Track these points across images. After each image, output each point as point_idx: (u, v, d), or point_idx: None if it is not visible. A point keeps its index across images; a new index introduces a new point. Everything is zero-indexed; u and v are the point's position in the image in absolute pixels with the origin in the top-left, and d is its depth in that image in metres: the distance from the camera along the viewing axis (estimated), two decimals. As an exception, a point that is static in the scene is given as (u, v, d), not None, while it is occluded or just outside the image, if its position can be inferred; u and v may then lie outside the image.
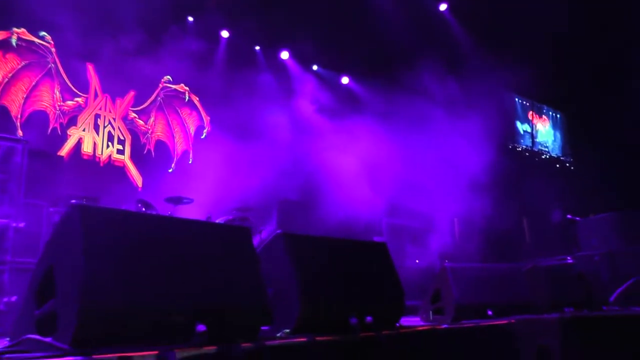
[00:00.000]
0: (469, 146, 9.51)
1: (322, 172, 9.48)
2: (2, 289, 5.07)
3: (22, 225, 5.71)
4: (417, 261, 9.08)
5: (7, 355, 2.08)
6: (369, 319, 3.25)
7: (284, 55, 11.36)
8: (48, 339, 2.12)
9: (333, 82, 11.82)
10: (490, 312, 4.42)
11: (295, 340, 2.79)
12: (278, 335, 2.90)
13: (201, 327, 2.44)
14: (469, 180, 9.29)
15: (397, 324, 3.63)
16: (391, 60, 10.55)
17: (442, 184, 9.29)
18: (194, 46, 10.15)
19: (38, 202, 6.28)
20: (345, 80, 12.02)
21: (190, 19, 10.20)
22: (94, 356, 1.95)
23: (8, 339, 2.54)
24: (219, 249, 2.73)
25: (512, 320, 3.92)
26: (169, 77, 10.10)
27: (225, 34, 10.68)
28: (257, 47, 11.15)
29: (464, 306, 4.40)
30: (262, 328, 2.89)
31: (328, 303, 3.18)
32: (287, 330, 2.93)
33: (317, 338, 2.84)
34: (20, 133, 7.85)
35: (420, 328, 3.59)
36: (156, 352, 2.13)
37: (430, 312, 4.79)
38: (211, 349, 2.35)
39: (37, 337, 2.17)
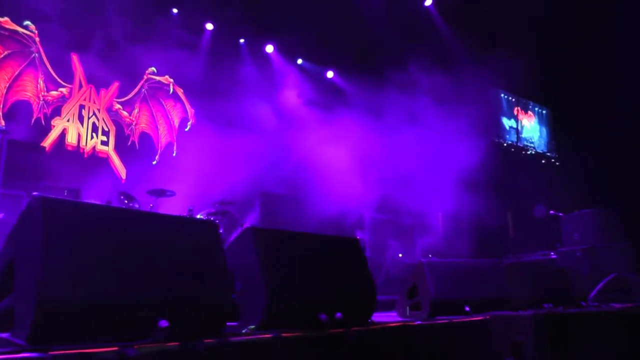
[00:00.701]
0: (455, 141, 9.54)
1: (307, 165, 9.49)
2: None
3: (1, 216, 5.69)
4: (400, 255, 9.11)
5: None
6: (338, 315, 3.25)
7: (269, 48, 11.32)
8: (5, 335, 2.11)
9: (318, 75, 11.81)
10: (467, 309, 4.43)
11: (261, 336, 2.79)
12: (243, 331, 2.89)
13: (164, 323, 2.44)
14: (454, 176, 9.33)
15: (369, 320, 3.63)
16: (377, 55, 10.55)
17: (428, 179, 9.33)
18: (179, 38, 10.15)
19: (18, 193, 6.25)
20: (330, 74, 12.00)
21: (175, 10, 10.14)
22: (51, 353, 1.94)
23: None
24: (183, 243, 2.72)
25: (488, 317, 3.94)
26: (153, 68, 10.07)
27: (210, 26, 10.63)
28: (242, 40, 11.11)
29: (441, 302, 4.40)
30: (229, 324, 2.90)
31: (296, 298, 3.18)
32: (253, 327, 2.93)
33: (284, 334, 2.84)
34: (2, 123, 7.79)
35: (392, 324, 3.59)
36: (116, 349, 2.13)
37: (407, 307, 4.80)
38: (173, 344, 2.34)
39: (-6, 332, 2.16)
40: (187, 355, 2.38)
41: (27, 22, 8.40)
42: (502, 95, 13.36)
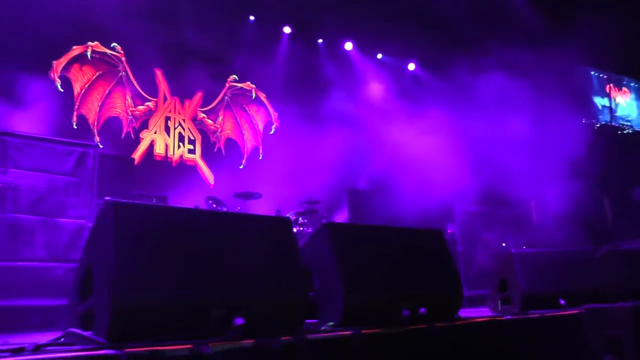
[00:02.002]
0: (544, 126, 9.01)
1: (395, 160, 9.33)
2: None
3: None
4: (489, 247, 8.74)
5: (49, 348, 2.16)
6: (422, 310, 3.12)
7: (348, 46, 11.29)
8: (88, 333, 2.18)
9: (399, 69, 11.62)
10: (562, 302, 4.12)
11: (339, 333, 2.71)
12: (322, 328, 2.83)
13: (239, 321, 2.41)
14: (546, 162, 8.80)
15: (455, 316, 3.45)
16: (456, 42, 10.16)
17: (519, 167, 8.85)
18: (258, 44, 10.32)
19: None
20: (411, 66, 11.76)
21: (252, 17, 10.33)
22: (127, 350, 1.97)
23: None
24: (258, 241, 2.70)
25: (582, 310, 3.63)
26: (235, 76, 10.34)
27: (287, 29, 10.74)
28: (320, 40, 11.14)
29: (532, 295, 4.14)
30: (307, 322, 2.84)
31: (375, 294, 3.08)
32: (332, 323, 2.86)
33: (363, 331, 2.75)
34: (97, 139, 8.28)
35: (478, 320, 3.40)
36: (190, 346, 2.13)
37: (499, 302, 4.55)
38: (248, 342, 2.32)
39: (78, 331, 2.23)
40: (262, 353, 2.35)
41: (114, 44, 8.89)
42: (592, 73, 12.49)
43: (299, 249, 2.82)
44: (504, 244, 8.92)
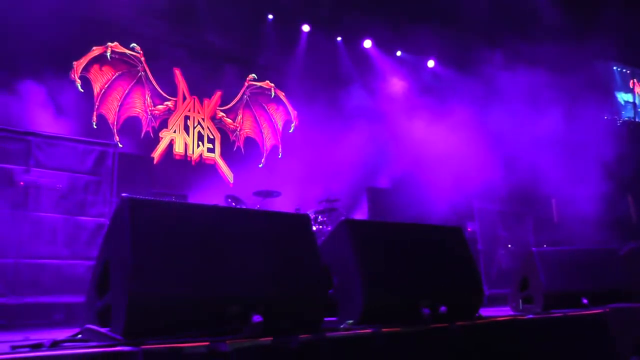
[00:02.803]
0: (565, 122, 8.84)
1: (413, 158, 9.26)
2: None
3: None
4: (509, 246, 8.62)
5: (66, 344, 2.16)
6: (442, 308, 3.06)
7: (367, 43, 11.24)
8: (105, 330, 2.17)
9: (419, 66, 11.53)
10: (585, 301, 4.03)
11: (359, 331, 2.67)
12: (342, 326, 2.79)
13: (257, 318, 2.38)
14: (567, 159, 8.64)
15: (476, 315, 3.38)
16: (477, 38, 10.03)
17: (539, 164, 8.71)
18: (277, 43, 10.32)
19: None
20: (431, 63, 11.66)
21: (271, 16, 10.33)
22: (144, 347, 1.96)
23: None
24: (277, 238, 2.67)
25: (606, 310, 3.53)
26: (254, 75, 10.36)
27: (306, 27, 10.72)
28: (339, 38, 11.12)
29: (554, 294, 4.05)
30: (326, 319, 2.80)
31: (395, 292, 3.02)
32: (351, 322, 2.81)
33: (384, 329, 2.70)
34: (116, 138, 8.34)
35: (500, 319, 3.33)
36: (207, 343, 2.11)
37: (520, 301, 4.46)
38: (266, 340, 2.29)
39: (96, 327, 2.23)
40: (281, 351, 2.31)
41: (133, 44, 8.96)
42: (615, 68, 12.24)
43: (317, 246, 2.78)
44: (509, 246, 8.80)
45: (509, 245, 8.63)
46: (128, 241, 2.13)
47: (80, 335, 2.30)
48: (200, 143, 9.44)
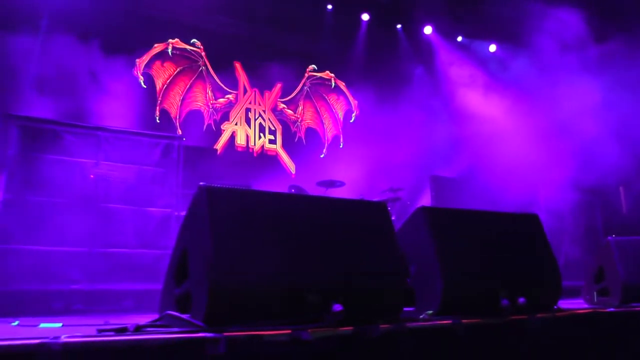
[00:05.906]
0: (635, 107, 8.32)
1: (478, 146, 8.99)
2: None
3: (182, 213, 6.12)
4: (579, 238, 8.26)
5: (148, 329, 2.16)
6: (521, 300, 2.90)
7: (427, 30, 10.98)
8: (186, 316, 2.15)
9: (480, 51, 11.16)
10: (670, 294, 3.74)
11: (439, 322, 2.56)
12: (421, 317, 2.68)
13: (337, 307, 2.30)
14: (634, 145, 8.13)
15: (555, 307, 3.20)
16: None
17: (609, 151, 8.24)
18: (336, 33, 10.26)
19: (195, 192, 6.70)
20: (492, 48, 11.25)
21: (330, 7, 10.25)
22: (226, 334, 1.92)
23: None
24: (353, 226, 2.58)
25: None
26: (314, 65, 10.34)
27: (365, 16, 10.59)
28: (399, 26, 10.93)
29: (633, 286, 3.77)
30: (405, 309, 2.71)
31: (474, 282, 2.89)
32: (430, 312, 2.71)
33: (464, 320, 2.58)
34: (179, 132, 8.48)
35: (581, 311, 3.14)
36: (289, 332, 2.06)
37: (594, 293, 4.21)
38: (347, 329, 2.22)
39: (176, 313, 2.21)
40: (362, 340, 2.24)
41: (193, 40, 9.09)
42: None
43: (395, 234, 2.69)
44: (592, 234, 8.42)
45: (577, 236, 8.26)
46: (207, 229, 2.10)
47: (160, 321, 2.29)
48: (261, 135, 9.51)
